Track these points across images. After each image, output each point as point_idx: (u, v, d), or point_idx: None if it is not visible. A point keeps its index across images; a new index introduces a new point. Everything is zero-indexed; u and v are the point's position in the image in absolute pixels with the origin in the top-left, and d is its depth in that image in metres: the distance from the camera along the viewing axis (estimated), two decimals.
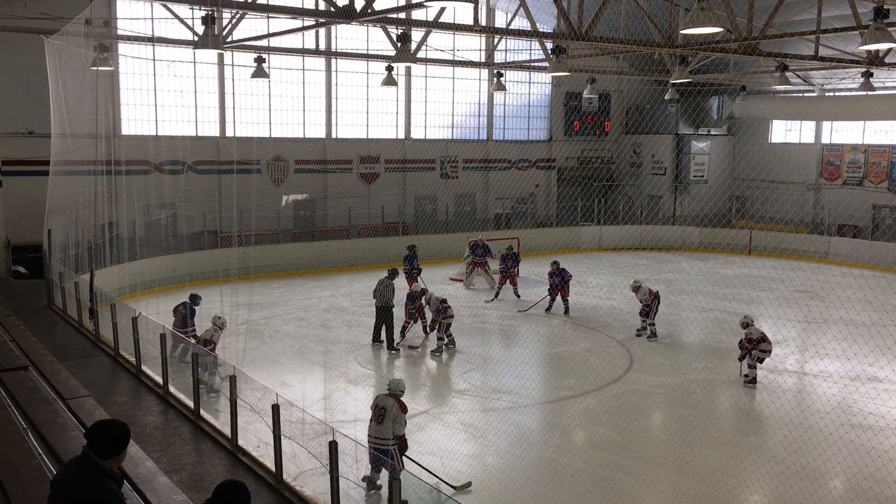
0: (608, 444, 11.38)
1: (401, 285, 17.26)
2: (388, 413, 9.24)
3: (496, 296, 20.88)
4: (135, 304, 15.17)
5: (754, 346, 13.80)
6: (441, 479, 9.40)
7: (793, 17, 20.90)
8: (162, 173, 23.94)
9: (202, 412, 10.20)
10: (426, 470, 9.36)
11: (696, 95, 30.73)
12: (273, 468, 8.50)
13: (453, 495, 9.03)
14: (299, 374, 14.56)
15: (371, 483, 9.17)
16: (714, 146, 32.96)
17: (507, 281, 20.87)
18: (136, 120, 23.68)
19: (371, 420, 9.43)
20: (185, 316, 14.95)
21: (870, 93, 22.64)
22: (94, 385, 11.21)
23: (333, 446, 7.47)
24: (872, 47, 15.30)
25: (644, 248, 29.04)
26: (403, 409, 9.39)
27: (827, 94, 29.63)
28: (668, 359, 15.76)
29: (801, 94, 30.35)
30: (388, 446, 9.14)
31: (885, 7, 12.59)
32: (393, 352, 15.94)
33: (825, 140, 30.83)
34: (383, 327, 16.12)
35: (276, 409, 8.36)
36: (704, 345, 16.96)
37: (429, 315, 16.23)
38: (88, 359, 13.07)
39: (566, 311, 18.91)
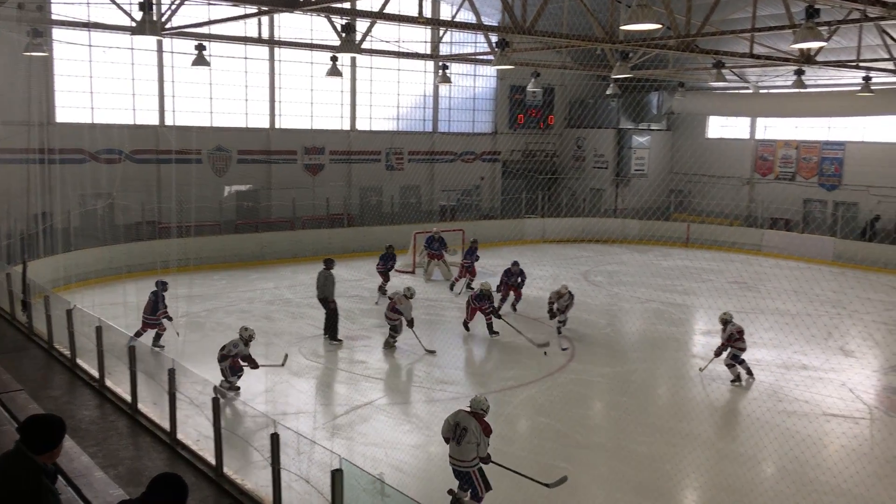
0: (550, 433, 11.56)
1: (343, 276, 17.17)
2: (469, 434, 8.59)
3: (463, 288, 20.58)
4: (70, 297, 14.81)
5: (734, 343, 13.68)
6: (532, 479, 8.89)
7: (729, 15, 21.44)
8: (98, 162, 23.35)
9: (140, 406, 10.02)
10: (519, 474, 8.95)
11: (636, 91, 31.28)
12: (213, 462, 8.40)
13: (552, 488, 8.74)
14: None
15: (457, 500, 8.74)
16: (654, 141, 33.61)
17: (468, 274, 20.72)
18: (71, 107, 23.04)
19: (451, 440, 8.77)
20: (155, 301, 15.00)
21: (801, 90, 23.33)
22: (27, 379, 10.89)
23: (275, 439, 7.42)
24: (804, 46, 15.79)
25: (586, 240, 29.47)
26: (487, 431, 8.67)
27: (761, 91, 30.46)
28: (609, 349, 16.07)
29: (736, 91, 31.14)
30: (468, 468, 8.66)
31: (815, 7, 12.99)
32: (335, 342, 15.93)
33: (759, 136, 31.72)
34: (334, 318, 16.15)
35: (216, 401, 8.27)
36: (644, 335, 17.34)
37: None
38: (21, 352, 12.69)
39: (514, 305, 18.86)
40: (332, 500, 6.74)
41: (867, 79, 23.40)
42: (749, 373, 13.92)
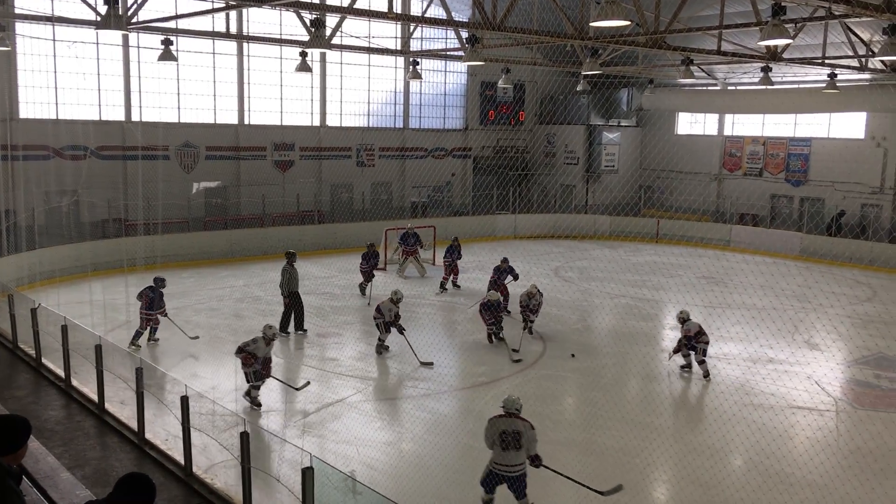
0: None
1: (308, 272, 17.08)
2: (523, 437, 8.39)
3: (449, 287, 20.74)
4: (34, 295, 14.57)
5: (695, 341, 13.79)
6: (587, 486, 8.71)
7: (697, 12, 21.66)
8: (63, 158, 22.97)
9: (107, 405, 9.89)
10: (570, 478, 8.81)
11: (606, 87, 31.48)
12: (182, 461, 8.33)
13: (607, 496, 8.52)
14: (210, 366, 14.25)
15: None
16: (624, 137, 33.86)
17: (452, 273, 20.73)
18: (34, 103, 22.59)
19: (496, 447, 8.44)
20: (152, 299, 14.90)
21: (768, 87, 23.64)
22: None
23: (245, 437, 7.37)
24: (771, 43, 15.99)
25: (557, 236, 29.63)
26: (531, 425, 8.49)
27: (729, 87, 30.80)
28: (580, 344, 16.15)
29: (705, 88, 31.46)
30: (520, 472, 8.52)
31: (782, 4, 13.15)
32: (301, 332, 16.17)
33: (727, 132, 32.08)
34: (292, 314, 16.19)
35: (184, 400, 8.19)
36: (614, 330, 17.46)
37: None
38: None
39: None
40: (303, 498, 6.71)
41: (832, 76, 23.76)
42: (706, 375, 13.76)
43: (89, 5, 17.54)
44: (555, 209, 32.38)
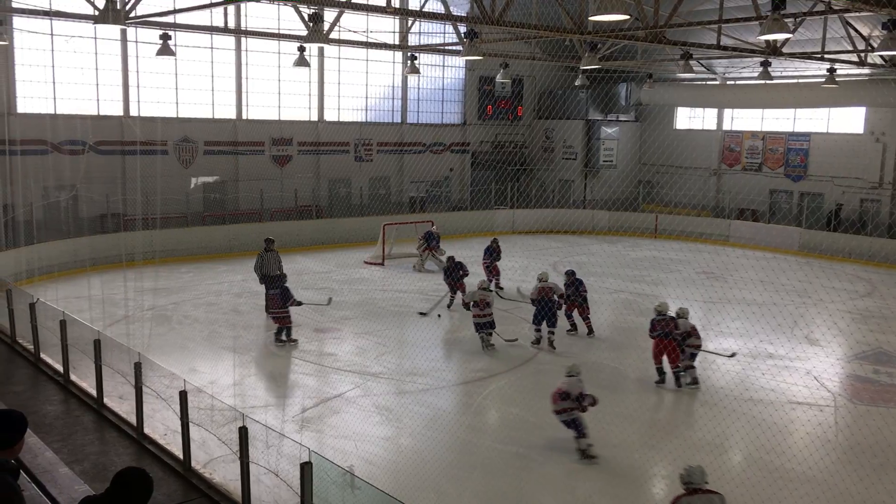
0: (519, 424, 11.60)
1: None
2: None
3: (493, 288, 18.12)
4: (33, 290, 14.53)
5: (685, 343, 13.13)
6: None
7: (697, 6, 21.60)
8: (61, 153, 22.92)
9: (105, 400, 9.87)
10: None
11: (605, 82, 31.43)
12: (181, 456, 8.31)
13: None
14: (209, 360, 14.25)
15: None
16: (622, 132, 33.82)
17: (491, 274, 19.62)
18: (32, 97, 22.55)
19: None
20: (282, 296, 14.95)
21: (768, 81, 23.60)
22: None
23: (244, 432, 7.36)
24: (770, 37, 15.93)
25: (556, 232, 29.61)
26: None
27: (728, 82, 30.77)
28: (579, 339, 16.14)
29: (704, 82, 31.42)
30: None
31: None
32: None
33: (726, 127, 32.06)
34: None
35: (183, 395, 8.17)
36: (613, 325, 17.44)
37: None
38: None
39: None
40: (302, 493, 6.70)
41: (832, 70, 23.74)
42: (693, 381, 13.11)
43: (88, 0, 17.46)
44: (553, 204, 32.36)
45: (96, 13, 15.40)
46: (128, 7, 15.51)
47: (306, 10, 16.34)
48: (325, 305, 16.10)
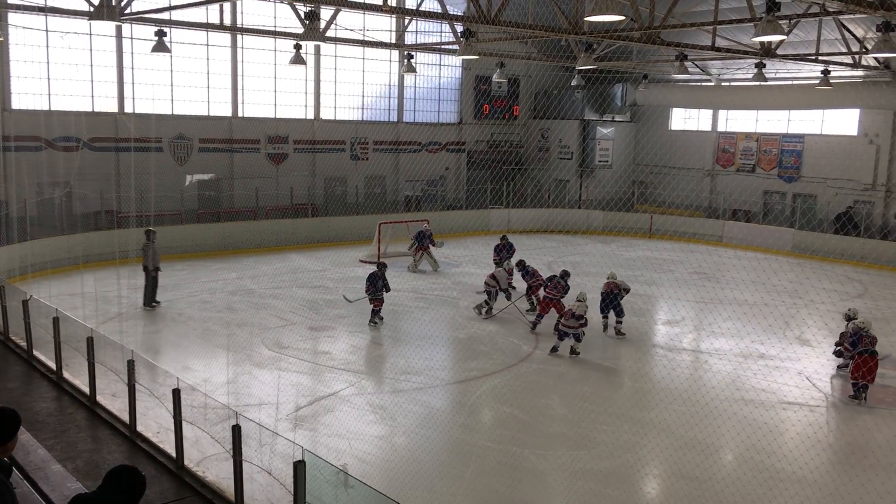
0: (513, 422, 11.63)
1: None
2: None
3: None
4: (26, 287, 14.52)
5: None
6: None
7: (692, 7, 21.66)
8: (55, 150, 22.88)
9: (98, 398, 9.87)
10: None
11: (600, 82, 31.49)
12: (174, 454, 8.32)
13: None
14: (203, 358, 14.24)
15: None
16: (618, 132, 33.87)
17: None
18: (27, 94, 22.52)
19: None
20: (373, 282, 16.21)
21: (762, 83, 23.66)
22: None
23: (237, 430, 7.37)
24: (765, 39, 16.00)
25: (551, 231, 29.65)
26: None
27: (723, 83, 30.84)
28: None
29: (699, 84, 31.48)
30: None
31: (776, 0, 13.15)
32: (153, 306, 17.08)
33: (721, 128, 32.13)
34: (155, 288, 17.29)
35: (176, 393, 8.17)
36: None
37: None
38: None
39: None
40: (295, 491, 6.71)
41: (826, 72, 23.80)
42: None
43: None
44: (548, 204, 32.40)
45: (91, 9, 15.39)
46: (123, 3, 15.50)
47: (303, 8, 16.34)
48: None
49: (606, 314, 16.51)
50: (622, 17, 11.77)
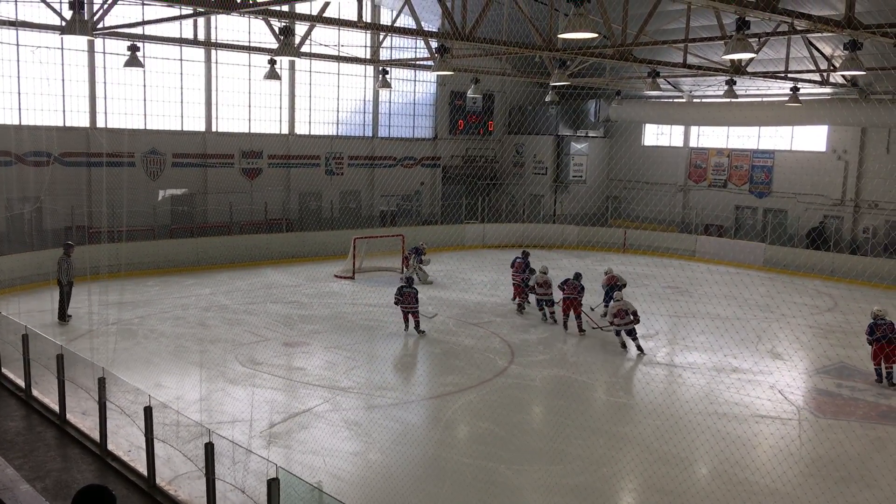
0: (489, 438, 11.61)
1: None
2: None
3: (521, 309, 19.86)
4: None
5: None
6: None
7: (664, 25, 21.96)
8: (25, 165, 22.60)
9: (68, 416, 9.71)
10: None
11: (574, 98, 31.77)
12: (145, 472, 8.21)
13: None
14: (175, 375, 14.08)
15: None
16: (592, 147, 34.18)
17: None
18: None
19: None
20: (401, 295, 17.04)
21: (733, 100, 24.03)
22: None
23: (210, 448, 7.30)
24: (735, 56, 16.25)
25: (526, 246, 29.68)
26: None
27: (695, 100, 31.26)
28: (547, 353, 16.23)
29: (671, 100, 31.89)
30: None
31: (746, 19, 13.39)
32: (66, 319, 16.93)
33: (693, 144, 32.53)
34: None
35: (148, 410, 8.08)
36: (582, 339, 17.55)
37: None
38: None
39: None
40: None
41: (795, 89, 24.23)
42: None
43: (54, 10, 17.27)
44: (523, 219, 32.55)
45: (63, 24, 15.25)
46: (95, 18, 15.39)
47: (277, 24, 16.33)
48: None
49: (608, 304, 18.04)
50: (595, 35, 11.90)
